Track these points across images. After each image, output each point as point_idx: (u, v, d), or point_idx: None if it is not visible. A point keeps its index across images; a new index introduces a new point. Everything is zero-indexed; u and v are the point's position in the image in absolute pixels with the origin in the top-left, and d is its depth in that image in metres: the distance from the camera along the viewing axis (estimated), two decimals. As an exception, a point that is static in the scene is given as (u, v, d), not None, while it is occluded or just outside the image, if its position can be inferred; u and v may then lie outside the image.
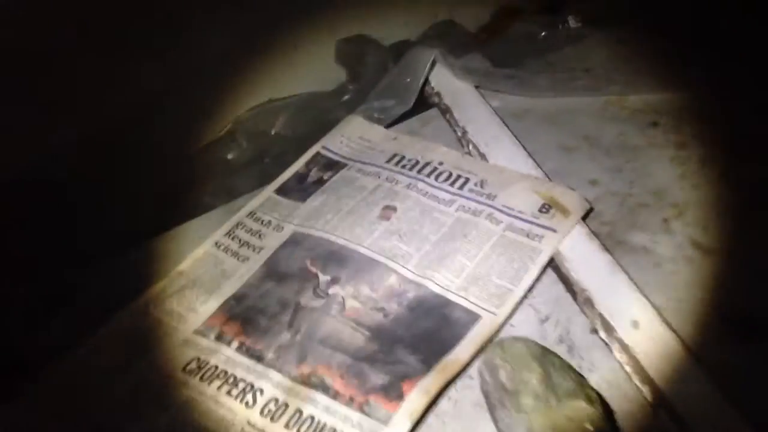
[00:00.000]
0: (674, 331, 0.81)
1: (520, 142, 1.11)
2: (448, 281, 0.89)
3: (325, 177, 1.07)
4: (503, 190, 1.00)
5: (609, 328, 0.83)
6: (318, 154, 1.11)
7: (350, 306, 0.88)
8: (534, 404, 0.67)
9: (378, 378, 0.79)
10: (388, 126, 1.21)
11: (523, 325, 0.89)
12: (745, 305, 0.87)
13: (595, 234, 0.95)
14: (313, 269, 0.93)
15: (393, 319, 0.86)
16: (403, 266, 0.91)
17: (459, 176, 1.03)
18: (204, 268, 0.96)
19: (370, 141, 1.13)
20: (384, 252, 0.94)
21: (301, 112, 1.23)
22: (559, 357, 0.76)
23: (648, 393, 0.78)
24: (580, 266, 0.89)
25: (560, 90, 1.23)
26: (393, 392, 0.78)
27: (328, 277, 0.92)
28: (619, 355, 0.82)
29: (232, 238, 1.00)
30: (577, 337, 0.87)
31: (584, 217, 0.97)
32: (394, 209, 1.00)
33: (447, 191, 1.01)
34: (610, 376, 0.82)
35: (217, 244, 0.99)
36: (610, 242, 0.96)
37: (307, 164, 1.10)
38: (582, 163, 1.11)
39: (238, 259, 0.97)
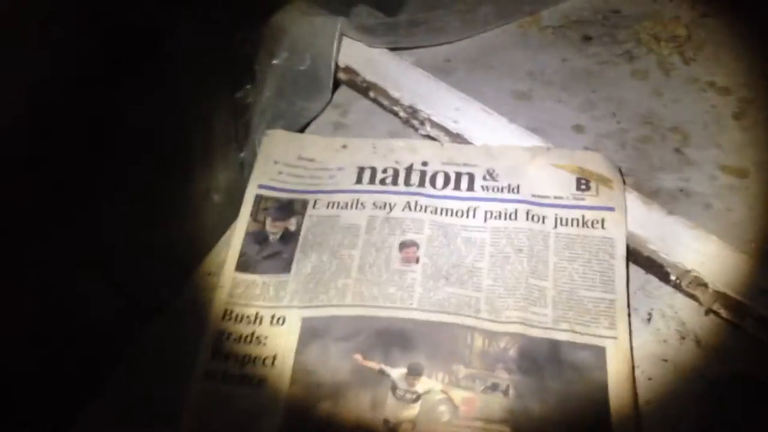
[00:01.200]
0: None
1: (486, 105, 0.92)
2: (540, 316, 0.72)
3: (292, 227, 0.80)
4: (521, 175, 0.82)
5: (737, 307, 0.72)
6: (260, 198, 0.83)
7: (460, 398, 0.67)
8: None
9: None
10: (301, 130, 0.95)
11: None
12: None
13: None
14: (373, 364, 0.69)
15: (516, 395, 0.68)
16: (477, 317, 0.72)
17: (459, 174, 0.83)
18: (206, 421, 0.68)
19: (315, 159, 0.86)
20: (444, 307, 0.73)
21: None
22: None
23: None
24: (665, 243, 0.77)
25: (474, 26, 1.04)
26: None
27: (403, 370, 0.69)
28: (763, 334, 0.72)
29: (224, 360, 0.71)
30: (696, 326, 0.75)
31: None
32: (415, 245, 0.77)
33: (458, 198, 0.81)
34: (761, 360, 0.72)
35: (208, 376, 0.70)
36: (647, 197, 0.83)
37: (254, 216, 0.81)
38: (550, 108, 0.97)
39: (247, 387, 0.69)
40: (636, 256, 0.79)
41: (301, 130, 0.94)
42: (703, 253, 0.75)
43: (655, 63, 1.00)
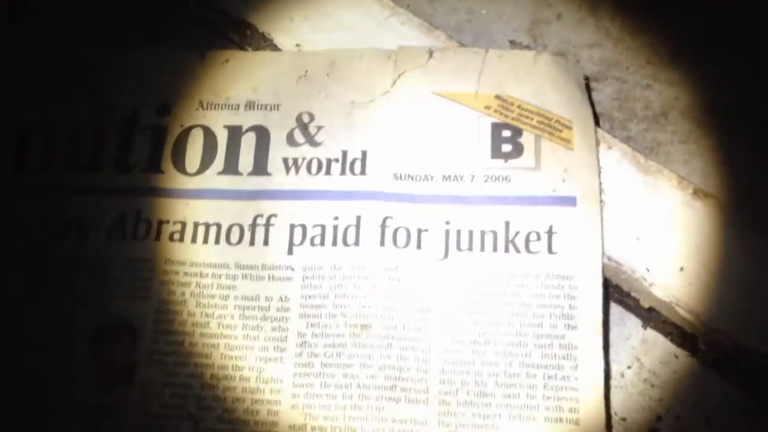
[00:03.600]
0: None
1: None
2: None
3: None
4: (369, 125, 0.37)
5: None
6: None
7: None
8: None
9: None
10: None
11: None
12: None
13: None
14: None
15: None
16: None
17: (235, 131, 0.38)
18: None
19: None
20: None
21: None
22: None
23: None
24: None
25: None
26: None
27: None
28: None
29: None
30: None
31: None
32: (132, 331, 0.34)
33: (232, 194, 0.37)
34: None
35: None
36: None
37: None
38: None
39: None
40: (622, 296, 0.36)
41: None
42: None
43: None
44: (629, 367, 0.37)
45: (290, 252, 0.36)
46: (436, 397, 0.33)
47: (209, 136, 0.38)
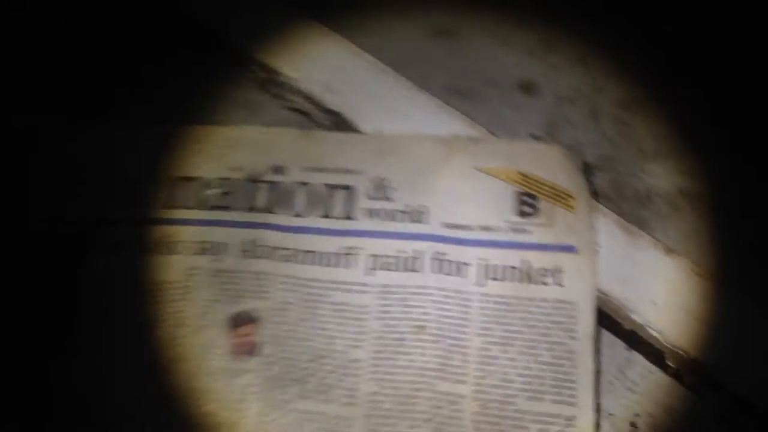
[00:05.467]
0: None
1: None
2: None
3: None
4: (430, 189, 0.51)
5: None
6: None
7: None
8: None
9: None
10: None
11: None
12: None
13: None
14: None
15: None
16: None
17: (331, 188, 0.51)
18: None
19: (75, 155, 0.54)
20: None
21: None
22: None
23: None
24: (660, 309, 0.46)
25: None
26: None
27: None
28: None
29: None
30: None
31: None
32: (252, 321, 0.47)
33: (327, 232, 0.50)
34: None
35: None
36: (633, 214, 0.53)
37: None
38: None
39: None
40: (611, 323, 0.49)
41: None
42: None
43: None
44: (617, 378, 0.49)
45: (369, 274, 0.50)
46: (473, 381, 0.46)
47: (309, 191, 0.53)
